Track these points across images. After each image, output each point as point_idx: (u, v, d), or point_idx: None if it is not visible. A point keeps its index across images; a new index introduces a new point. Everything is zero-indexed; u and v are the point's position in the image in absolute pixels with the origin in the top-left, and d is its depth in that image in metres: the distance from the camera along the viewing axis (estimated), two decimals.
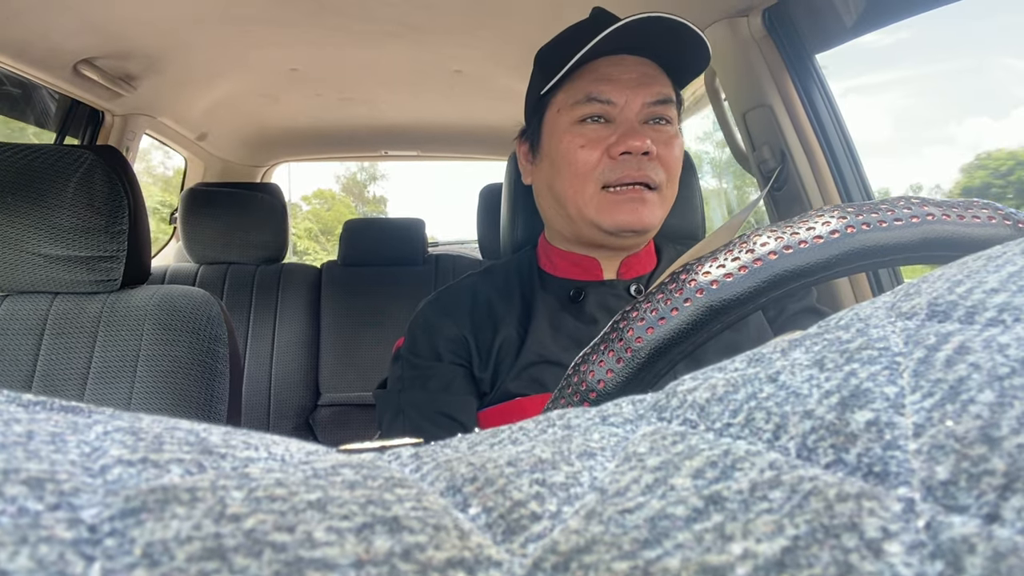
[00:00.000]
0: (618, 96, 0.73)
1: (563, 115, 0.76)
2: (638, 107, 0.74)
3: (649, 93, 0.74)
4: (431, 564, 0.10)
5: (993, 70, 19.31)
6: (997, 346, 0.12)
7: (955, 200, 0.33)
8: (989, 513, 0.09)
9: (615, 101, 0.74)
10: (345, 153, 2.69)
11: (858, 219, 0.32)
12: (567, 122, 0.76)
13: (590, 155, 0.73)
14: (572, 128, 0.75)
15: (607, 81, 0.74)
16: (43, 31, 1.25)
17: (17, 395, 0.13)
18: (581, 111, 0.74)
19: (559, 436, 0.14)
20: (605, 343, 0.35)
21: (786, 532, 0.10)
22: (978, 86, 31.09)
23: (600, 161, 0.73)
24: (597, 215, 0.74)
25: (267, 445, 0.13)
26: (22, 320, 0.96)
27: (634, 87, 0.74)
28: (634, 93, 0.74)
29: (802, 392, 0.13)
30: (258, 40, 1.44)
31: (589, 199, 0.74)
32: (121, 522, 0.09)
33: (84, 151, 0.95)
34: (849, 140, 1.15)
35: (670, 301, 0.34)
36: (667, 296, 0.35)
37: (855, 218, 0.32)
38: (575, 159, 0.74)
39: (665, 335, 0.34)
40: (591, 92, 0.74)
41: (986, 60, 18.67)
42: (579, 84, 0.75)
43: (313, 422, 1.86)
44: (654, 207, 0.74)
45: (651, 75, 0.75)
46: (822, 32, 1.10)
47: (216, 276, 1.87)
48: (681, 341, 0.33)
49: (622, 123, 0.74)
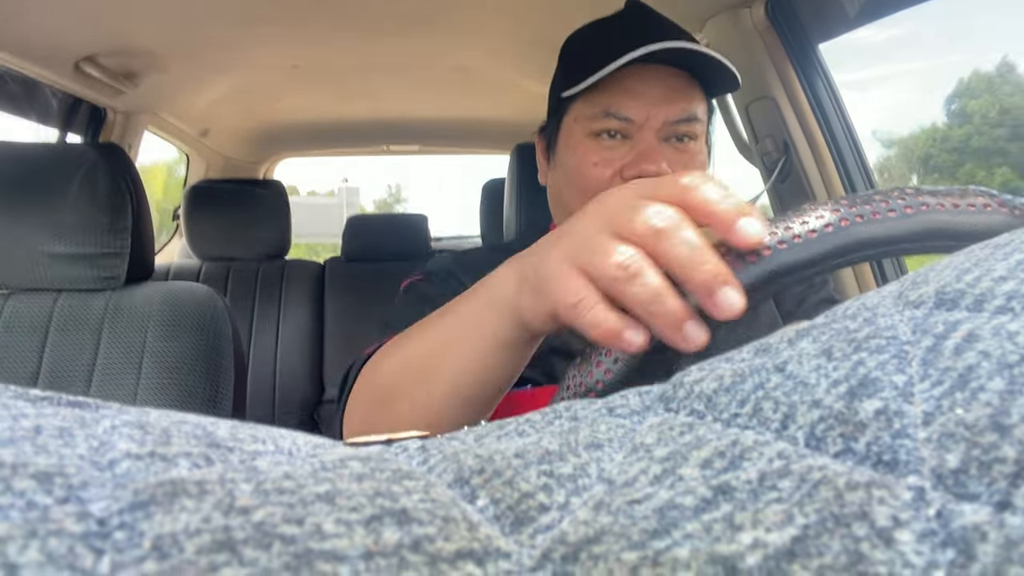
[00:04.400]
0: (638, 113, 0.69)
1: (580, 125, 0.72)
2: (659, 125, 0.69)
3: (673, 111, 0.69)
4: (440, 555, 0.10)
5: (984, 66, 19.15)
6: (1006, 334, 0.12)
7: (950, 188, 0.33)
8: (1000, 501, 0.09)
9: (634, 119, 0.69)
10: (346, 148, 2.69)
11: (852, 211, 0.32)
12: (582, 134, 0.71)
13: (602, 173, 0.69)
14: (587, 141, 0.71)
15: (629, 95, 0.69)
16: (45, 29, 1.25)
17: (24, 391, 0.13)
18: (598, 125, 0.70)
19: (566, 428, 0.14)
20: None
21: (796, 521, 0.10)
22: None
23: (611, 181, 0.69)
24: None
25: (274, 439, 0.13)
26: (27, 318, 0.97)
27: (657, 103, 0.69)
28: (657, 110, 0.68)
29: (810, 382, 0.13)
30: (260, 37, 1.44)
31: None
32: (130, 515, 0.09)
33: (87, 148, 0.96)
34: (853, 131, 1.15)
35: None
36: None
37: (849, 211, 0.32)
38: (586, 176, 0.70)
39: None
40: (610, 107, 0.69)
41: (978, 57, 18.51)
42: (599, 95, 0.70)
43: (318, 417, 1.87)
44: None
45: (679, 89, 0.70)
46: (825, 22, 1.10)
47: (219, 272, 1.87)
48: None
49: (639, 141, 0.69)
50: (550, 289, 0.35)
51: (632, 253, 0.32)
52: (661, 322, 0.32)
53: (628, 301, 0.32)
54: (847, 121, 1.15)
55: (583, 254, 0.34)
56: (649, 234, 0.32)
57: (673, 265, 0.31)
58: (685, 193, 0.32)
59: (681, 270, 0.31)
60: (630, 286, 0.32)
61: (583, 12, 0.79)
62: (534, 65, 1.63)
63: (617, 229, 0.33)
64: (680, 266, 0.31)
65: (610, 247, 0.33)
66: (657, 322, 0.32)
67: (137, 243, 0.98)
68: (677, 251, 0.31)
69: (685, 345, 0.32)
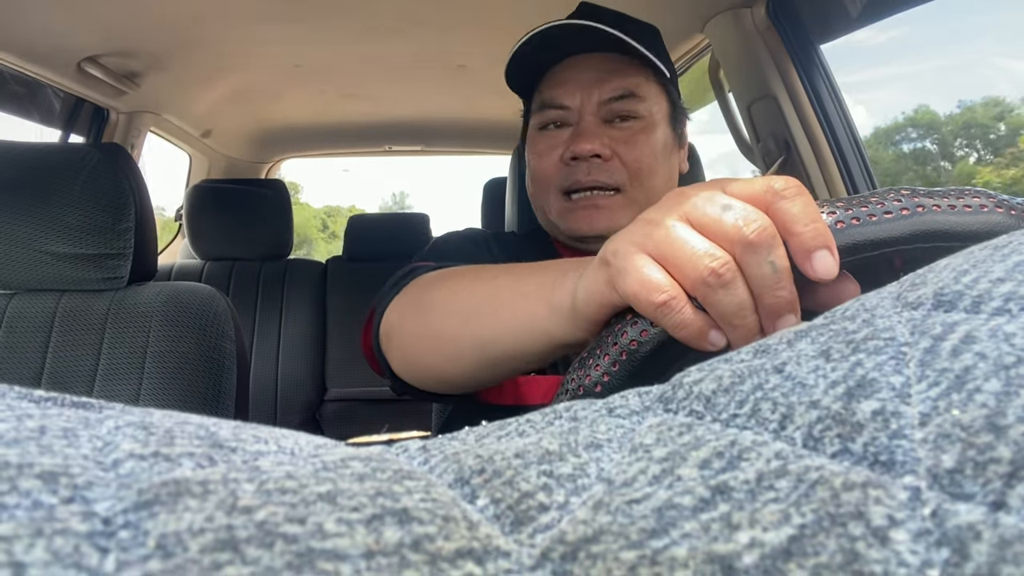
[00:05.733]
0: (570, 99, 0.71)
1: (532, 124, 0.76)
2: (594, 107, 0.71)
3: (604, 90, 0.70)
4: (440, 555, 0.10)
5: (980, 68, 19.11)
6: (1003, 335, 0.12)
7: (947, 189, 0.32)
8: (995, 501, 0.09)
9: (568, 105, 0.71)
10: (349, 149, 2.69)
11: (847, 214, 0.32)
12: (533, 131, 0.76)
13: (547, 162, 0.73)
14: (534, 136, 0.75)
15: (559, 85, 0.72)
16: (47, 30, 1.25)
17: (29, 391, 0.14)
18: (540, 119, 0.74)
19: (566, 428, 0.15)
20: (600, 346, 0.35)
21: (792, 521, 0.10)
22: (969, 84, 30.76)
23: (556, 167, 0.72)
24: (559, 221, 0.73)
25: (276, 439, 0.13)
26: (30, 318, 0.97)
27: (587, 86, 0.71)
28: (588, 92, 0.71)
29: (808, 382, 0.13)
30: (261, 37, 1.44)
31: (552, 206, 0.74)
32: (135, 514, 0.09)
33: (90, 149, 0.96)
34: (854, 131, 1.15)
35: None
36: None
37: (844, 213, 0.32)
38: (536, 167, 0.74)
39: (659, 336, 0.33)
40: (544, 99, 0.73)
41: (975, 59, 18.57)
42: (540, 93, 0.74)
43: (320, 417, 1.87)
44: (614, 211, 0.70)
45: (612, 70, 0.71)
46: (826, 22, 1.10)
47: (222, 272, 1.87)
48: (675, 342, 0.33)
49: (577, 126, 0.72)
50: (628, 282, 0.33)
51: (726, 260, 0.31)
52: (738, 334, 0.31)
53: (712, 306, 0.31)
54: (848, 121, 1.15)
55: (670, 249, 0.32)
56: (740, 243, 0.31)
57: (752, 280, 0.31)
58: (775, 201, 0.31)
59: (757, 289, 0.31)
60: (719, 294, 0.31)
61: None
62: None
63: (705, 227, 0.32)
64: (758, 285, 0.31)
65: (700, 248, 0.31)
66: (734, 333, 0.32)
67: (140, 243, 0.99)
68: (763, 270, 0.30)
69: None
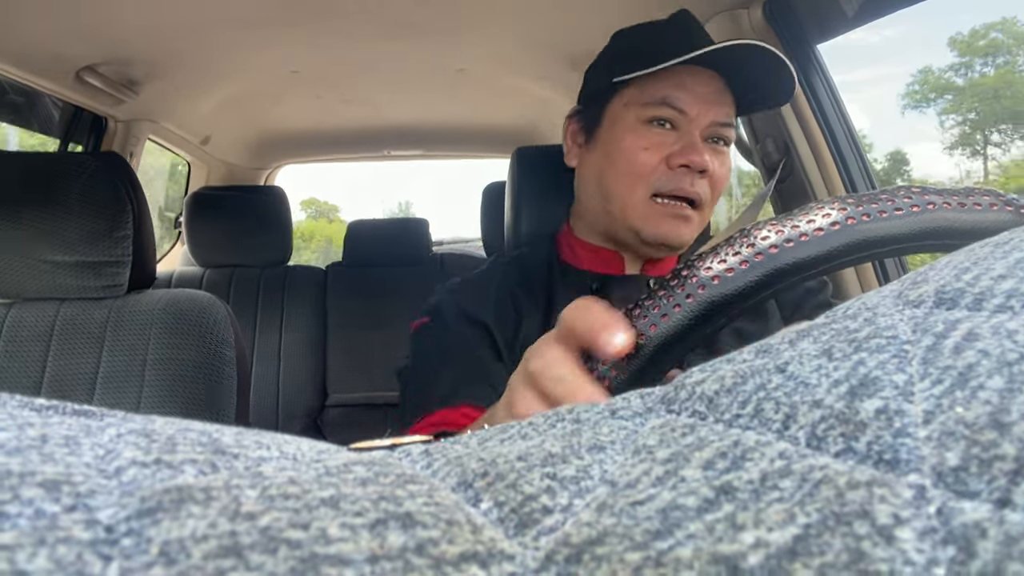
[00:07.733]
0: (691, 108, 0.72)
1: (631, 111, 0.75)
2: (707, 123, 0.73)
3: (720, 112, 0.73)
4: (444, 558, 0.10)
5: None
6: (1005, 332, 0.12)
7: (956, 188, 0.33)
8: (1000, 498, 0.09)
9: (687, 112, 0.73)
10: (348, 154, 2.70)
11: (858, 210, 0.32)
12: (634, 119, 0.74)
13: (650, 159, 0.73)
14: (638, 127, 0.74)
15: (685, 90, 0.73)
16: (45, 39, 1.25)
17: (30, 400, 0.14)
18: (652, 112, 0.73)
19: (568, 430, 0.14)
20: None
21: (797, 520, 0.10)
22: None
23: (657, 168, 0.73)
24: (641, 222, 0.74)
25: (279, 444, 0.13)
26: (30, 327, 0.97)
27: (708, 102, 0.73)
28: (707, 108, 0.73)
29: (811, 382, 0.13)
30: (259, 43, 1.44)
31: (637, 203, 0.74)
32: (137, 522, 0.09)
33: (88, 157, 0.96)
34: (853, 131, 1.15)
35: (672, 297, 0.34)
36: (669, 292, 0.34)
37: (855, 209, 0.32)
38: (634, 160, 0.73)
39: (668, 331, 0.33)
40: (668, 97, 0.72)
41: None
42: (655, 85, 0.73)
43: (321, 423, 1.87)
44: (693, 226, 0.74)
45: (723, 92, 0.74)
46: (823, 22, 1.10)
47: (222, 279, 1.87)
48: (684, 337, 0.33)
49: (686, 135, 0.73)
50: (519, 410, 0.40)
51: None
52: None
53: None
54: (847, 121, 1.15)
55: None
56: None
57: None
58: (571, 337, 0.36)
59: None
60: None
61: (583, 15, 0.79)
62: (534, 69, 1.63)
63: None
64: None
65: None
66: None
67: (139, 251, 0.99)
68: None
69: None
